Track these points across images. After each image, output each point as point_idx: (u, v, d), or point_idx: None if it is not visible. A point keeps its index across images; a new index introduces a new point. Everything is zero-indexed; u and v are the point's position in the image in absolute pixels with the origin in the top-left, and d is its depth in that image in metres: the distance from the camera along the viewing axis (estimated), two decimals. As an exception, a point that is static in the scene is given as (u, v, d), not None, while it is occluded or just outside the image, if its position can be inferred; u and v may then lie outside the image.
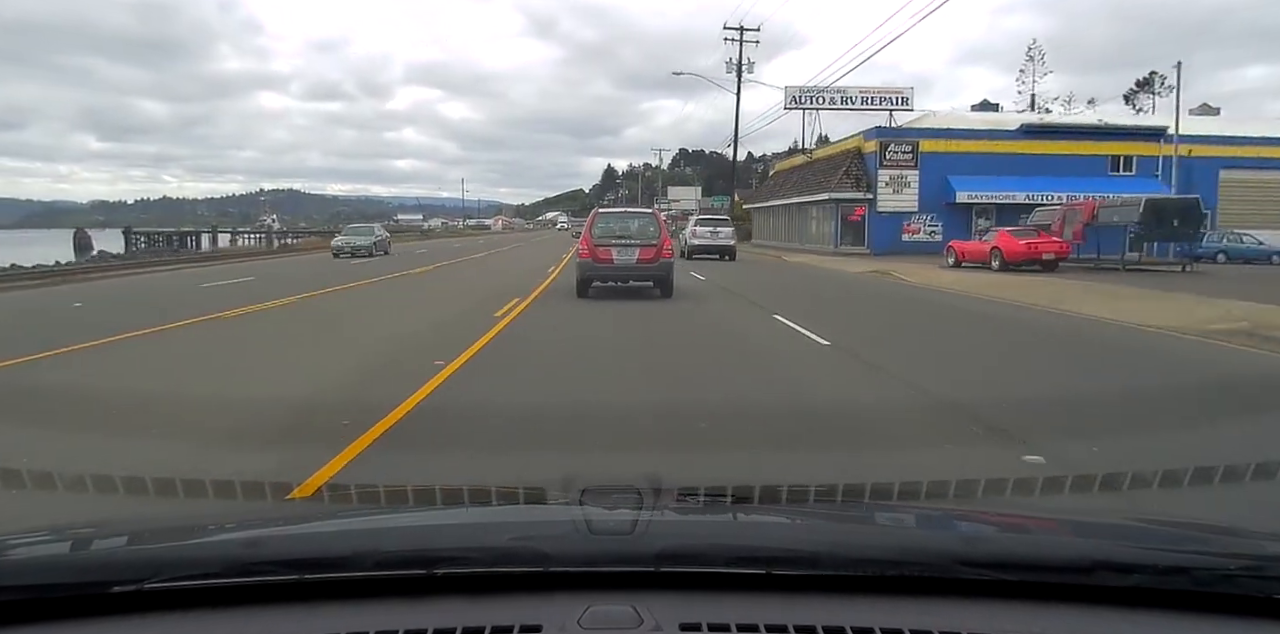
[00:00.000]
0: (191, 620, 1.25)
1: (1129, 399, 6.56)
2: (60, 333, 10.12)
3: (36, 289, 18.91)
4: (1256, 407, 6.48)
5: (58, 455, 4.51)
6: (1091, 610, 1.26)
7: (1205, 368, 8.32)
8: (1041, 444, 4.88)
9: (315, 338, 10.35)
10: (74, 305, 14.74)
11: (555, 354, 8.93)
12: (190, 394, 6.64)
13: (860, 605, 1.26)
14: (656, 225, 15.47)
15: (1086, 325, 11.73)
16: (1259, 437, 5.19)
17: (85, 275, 23.00)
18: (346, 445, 4.79)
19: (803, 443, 5.15)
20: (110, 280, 21.82)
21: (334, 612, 1.26)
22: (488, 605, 1.25)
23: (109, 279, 22.19)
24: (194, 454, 4.66)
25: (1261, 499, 3.66)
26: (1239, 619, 1.26)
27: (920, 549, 1.39)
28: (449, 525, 1.70)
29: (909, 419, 5.83)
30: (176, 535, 1.63)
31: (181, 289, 18.28)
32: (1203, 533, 1.72)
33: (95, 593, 1.26)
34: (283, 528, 1.73)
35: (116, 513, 3.15)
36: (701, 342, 10.09)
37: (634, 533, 1.39)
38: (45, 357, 8.42)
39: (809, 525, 1.74)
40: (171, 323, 11.18)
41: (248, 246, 50.57)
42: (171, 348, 9.41)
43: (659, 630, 1.17)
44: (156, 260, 30.63)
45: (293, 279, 20.26)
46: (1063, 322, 12.20)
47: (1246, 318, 11.09)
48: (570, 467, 3.86)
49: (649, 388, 7.09)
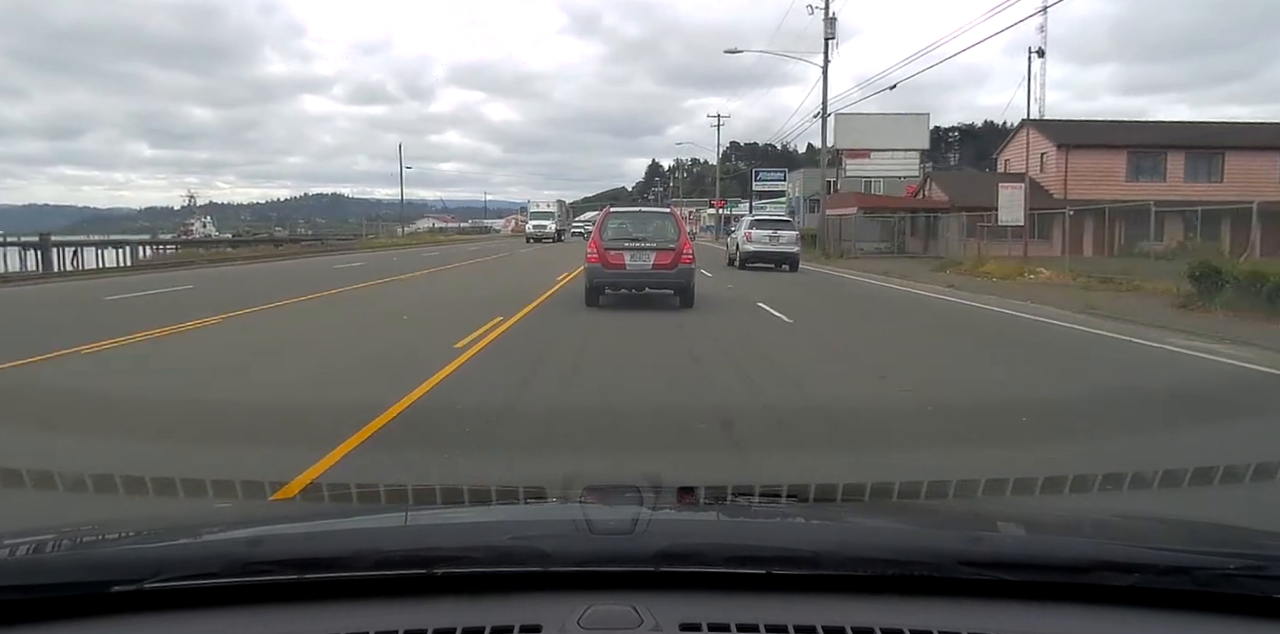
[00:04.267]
0: (191, 620, 1.25)
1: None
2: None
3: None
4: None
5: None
6: (1091, 610, 1.26)
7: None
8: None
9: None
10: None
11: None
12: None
13: (860, 605, 1.25)
14: (675, 227, 13.94)
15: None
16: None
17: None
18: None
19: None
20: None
21: (334, 611, 1.25)
22: (488, 605, 1.25)
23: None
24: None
25: (1260, 499, 3.67)
26: (1239, 619, 1.26)
27: (920, 549, 1.39)
28: (449, 525, 1.70)
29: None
30: (176, 535, 1.63)
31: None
32: (1202, 532, 1.72)
33: (95, 593, 1.26)
34: (282, 527, 1.73)
35: (109, 511, 3.15)
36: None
37: (634, 532, 1.39)
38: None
39: (809, 525, 1.74)
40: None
41: (161, 258, 37.33)
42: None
43: (659, 630, 1.17)
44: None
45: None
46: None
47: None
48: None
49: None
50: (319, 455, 4.64)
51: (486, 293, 16.64)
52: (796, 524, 1.76)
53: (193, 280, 21.20)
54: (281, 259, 35.99)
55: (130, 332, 10.34)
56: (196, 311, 12.62)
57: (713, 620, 1.19)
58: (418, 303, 15.23)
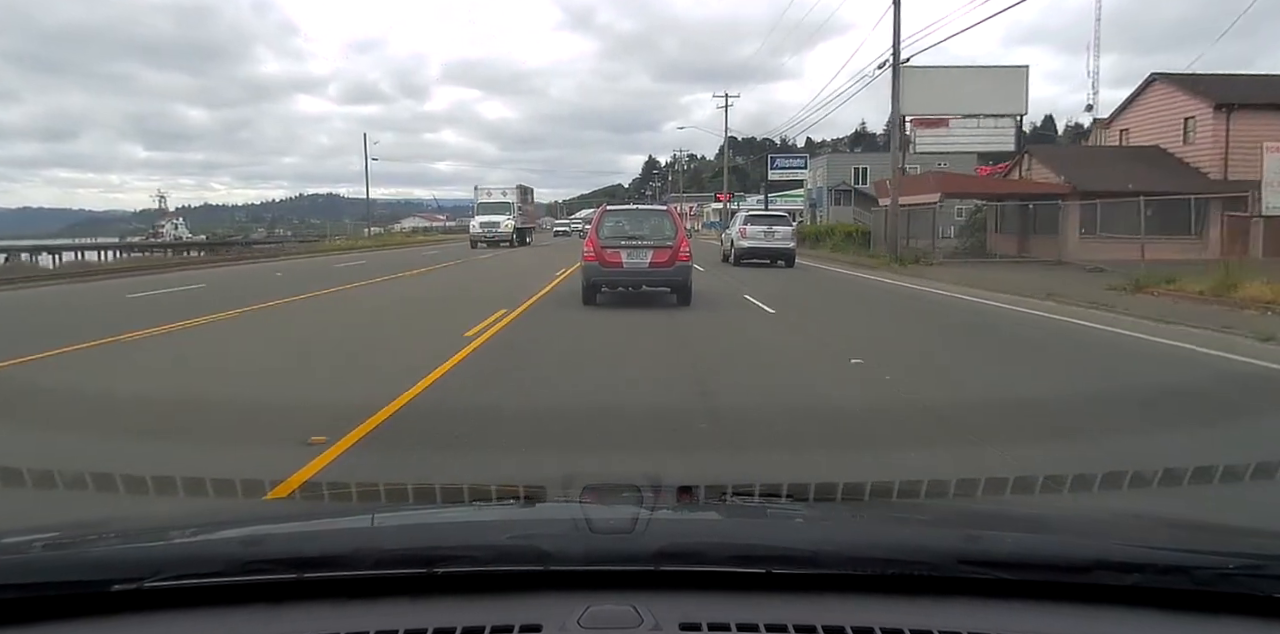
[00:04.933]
0: (191, 619, 1.25)
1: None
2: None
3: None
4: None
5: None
6: (1091, 610, 1.26)
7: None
8: None
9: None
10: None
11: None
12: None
13: (860, 605, 1.25)
14: (672, 224, 13.85)
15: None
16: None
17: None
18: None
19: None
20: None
21: (334, 610, 1.25)
22: (488, 604, 1.25)
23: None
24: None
25: (1260, 499, 3.66)
26: (1239, 619, 1.26)
27: (920, 548, 1.39)
28: (449, 524, 1.70)
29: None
30: (176, 534, 1.63)
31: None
32: (1202, 532, 1.72)
33: (95, 592, 1.26)
34: (282, 526, 1.73)
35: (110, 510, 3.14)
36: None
37: (634, 532, 1.39)
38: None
39: (809, 525, 1.74)
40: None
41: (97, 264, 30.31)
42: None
43: (659, 630, 1.17)
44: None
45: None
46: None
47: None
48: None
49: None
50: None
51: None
52: (796, 524, 1.76)
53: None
54: (195, 268, 27.88)
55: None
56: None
57: (712, 620, 1.19)
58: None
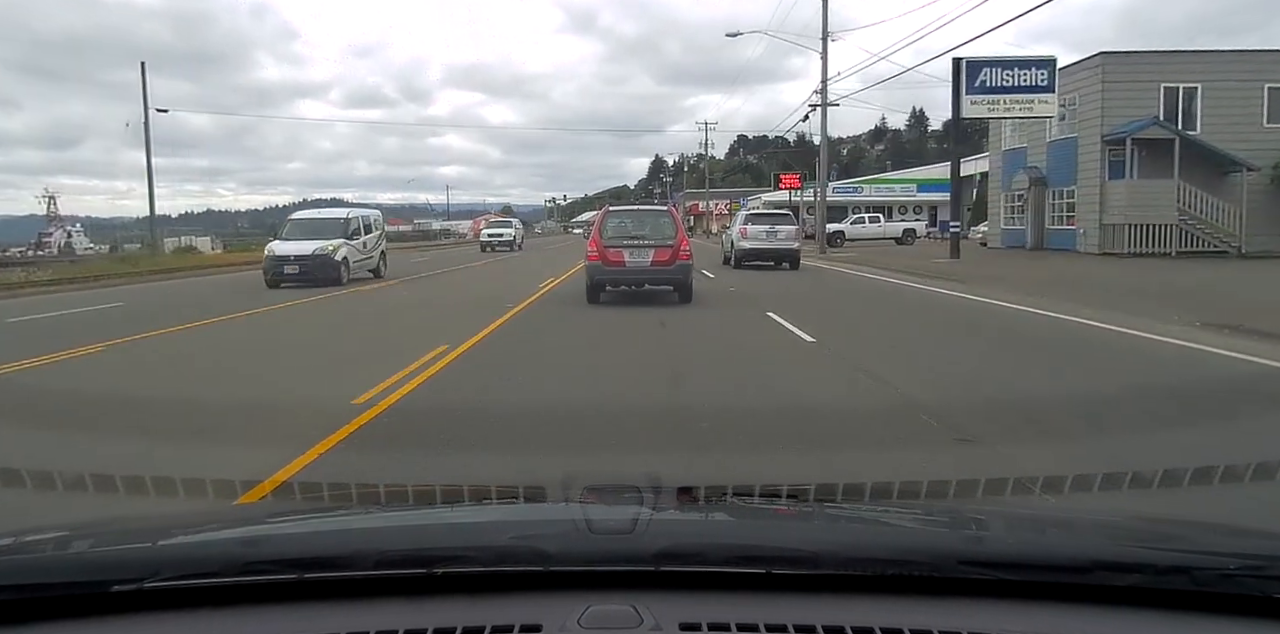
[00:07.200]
0: (191, 620, 1.25)
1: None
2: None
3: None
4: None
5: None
6: (1091, 610, 1.26)
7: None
8: None
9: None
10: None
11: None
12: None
13: (860, 605, 1.25)
14: (673, 224, 14.29)
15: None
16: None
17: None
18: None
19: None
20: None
21: (334, 611, 1.25)
22: (488, 605, 1.25)
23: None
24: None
25: (1261, 499, 3.66)
26: (1239, 619, 1.26)
27: (920, 549, 1.39)
28: (449, 524, 1.69)
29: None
30: (176, 534, 1.63)
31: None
32: (1203, 533, 1.72)
33: (95, 592, 1.26)
34: (282, 527, 1.73)
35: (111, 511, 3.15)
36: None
37: (634, 532, 1.39)
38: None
39: (809, 525, 1.74)
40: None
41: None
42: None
43: (659, 630, 1.17)
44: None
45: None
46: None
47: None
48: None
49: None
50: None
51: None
52: (796, 524, 1.76)
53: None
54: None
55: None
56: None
57: (713, 620, 1.19)
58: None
